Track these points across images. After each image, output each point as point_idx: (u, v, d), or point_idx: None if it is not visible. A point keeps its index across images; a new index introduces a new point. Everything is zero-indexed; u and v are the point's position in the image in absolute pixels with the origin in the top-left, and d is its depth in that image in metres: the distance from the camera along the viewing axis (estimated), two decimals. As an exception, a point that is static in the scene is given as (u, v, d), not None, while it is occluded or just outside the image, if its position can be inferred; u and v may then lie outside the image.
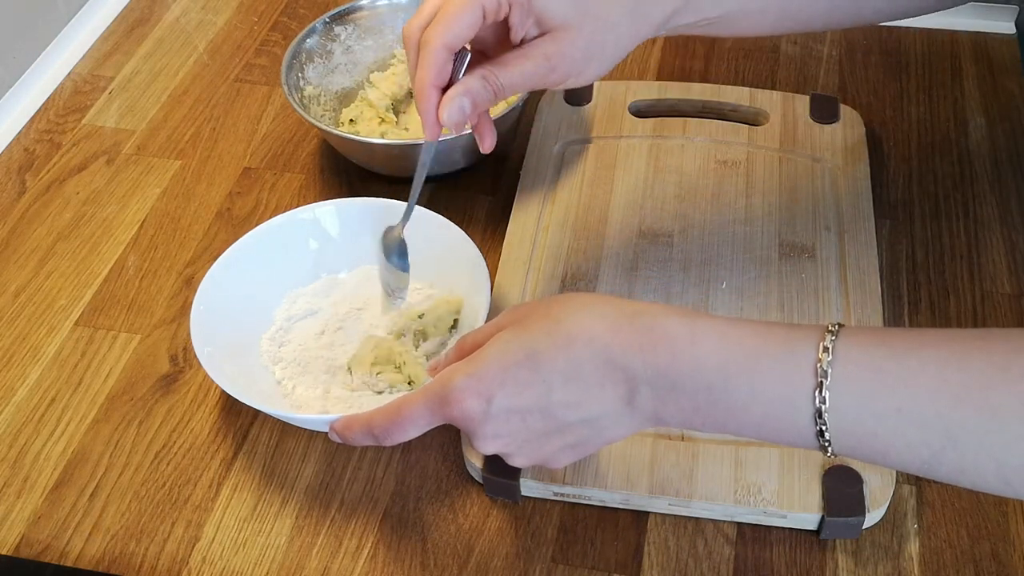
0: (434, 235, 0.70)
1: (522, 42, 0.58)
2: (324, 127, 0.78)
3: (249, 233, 0.71)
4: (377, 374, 0.67)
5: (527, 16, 0.56)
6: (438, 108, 0.57)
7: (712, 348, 0.48)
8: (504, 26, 0.57)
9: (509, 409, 0.51)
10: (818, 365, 0.46)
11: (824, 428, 0.47)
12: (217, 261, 0.70)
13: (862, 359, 0.46)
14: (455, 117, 0.57)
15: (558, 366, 0.50)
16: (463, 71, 0.58)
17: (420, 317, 0.69)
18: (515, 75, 0.57)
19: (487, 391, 0.51)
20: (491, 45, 0.59)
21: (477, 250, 0.68)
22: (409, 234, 0.68)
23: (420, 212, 0.71)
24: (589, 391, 0.50)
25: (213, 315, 0.67)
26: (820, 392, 0.46)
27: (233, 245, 0.71)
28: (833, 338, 0.47)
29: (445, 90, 0.57)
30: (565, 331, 0.50)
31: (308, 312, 0.72)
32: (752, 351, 0.48)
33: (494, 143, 0.63)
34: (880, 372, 0.46)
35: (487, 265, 0.68)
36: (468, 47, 0.58)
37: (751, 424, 0.49)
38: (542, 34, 0.57)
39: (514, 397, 0.50)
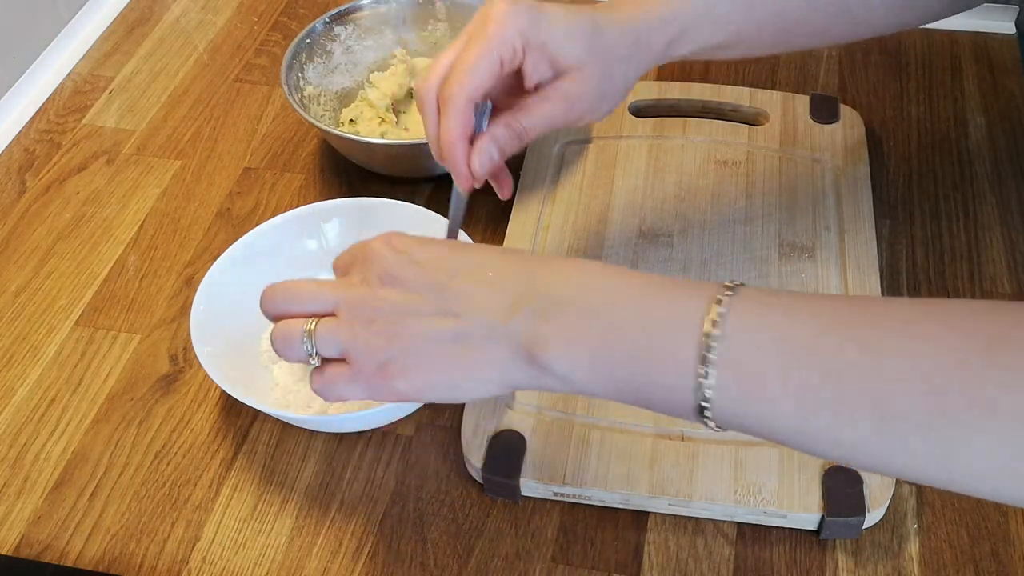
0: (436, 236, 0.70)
1: (537, 87, 0.58)
2: (324, 127, 0.78)
3: (249, 233, 0.71)
4: None
5: (542, 60, 0.57)
6: (468, 159, 0.58)
7: (601, 276, 0.49)
8: (512, 76, 0.58)
9: (409, 262, 0.51)
10: (713, 294, 0.45)
11: (709, 355, 0.44)
12: (217, 261, 0.70)
13: (754, 295, 0.46)
14: (486, 167, 0.58)
15: (470, 259, 0.51)
16: (485, 121, 0.59)
17: None
18: (537, 118, 0.58)
19: (399, 241, 0.52)
20: (499, 95, 0.60)
21: None
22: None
23: (423, 213, 0.71)
24: (479, 289, 0.49)
25: (213, 315, 0.67)
26: (709, 316, 0.44)
27: (233, 245, 0.71)
28: (730, 293, 0.45)
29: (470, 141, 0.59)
30: (480, 248, 0.54)
31: None
32: (644, 284, 0.48)
33: (512, 190, 0.65)
34: (769, 306, 0.45)
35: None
36: (489, 99, 0.59)
37: (630, 356, 0.46)
38: (557, 76, 0.58)
39: (420, 251, 0.51)
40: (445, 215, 0.71)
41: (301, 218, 0.73)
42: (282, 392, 0.68)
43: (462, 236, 0.69)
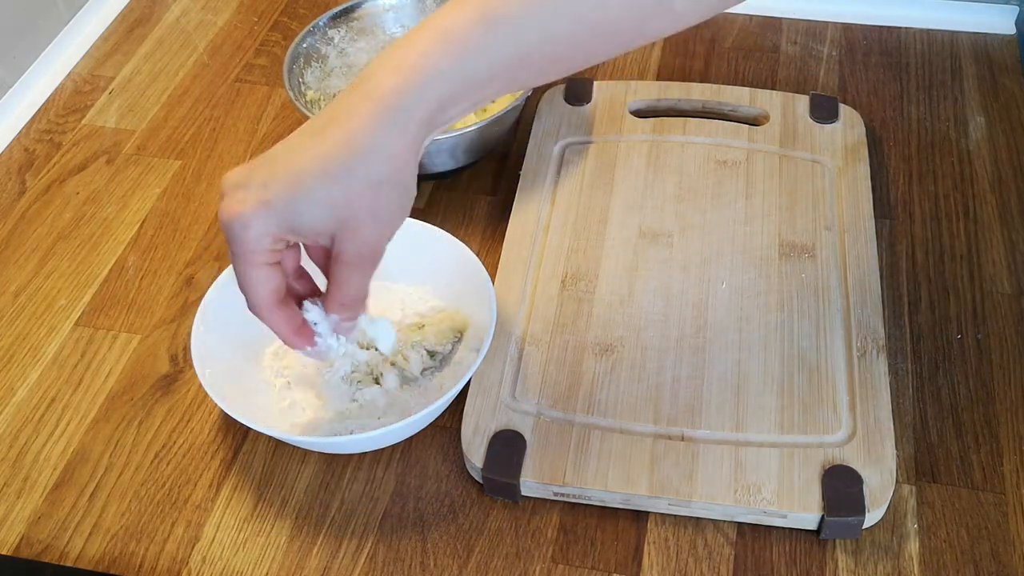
0: (442, 252, 0.70)
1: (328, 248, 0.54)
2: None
3: None
4: (357, 381, 0.67)
5: (306, 239, 0.53)
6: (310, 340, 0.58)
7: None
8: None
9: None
10: None
11: None
12: (220, 277, 0.69)
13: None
14: (333, 346, 0.59)
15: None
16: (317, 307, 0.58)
17: (420, 327, 0.69)
18: (352, 286, 0.55)
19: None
20: (319, 260, 0.58)
21: (486, 273, 0.68)
22: (417, 248, 0.69)
23: (421, 226, 0.71)
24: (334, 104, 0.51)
25: (214, 332, 0.66)
26: None
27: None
28: None
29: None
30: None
31: None
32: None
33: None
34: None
35: (487, 267, 0.68)
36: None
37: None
38: (335, 236, 0.52)
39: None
40: (445, 215, 0.71)
41: None
42: (288, 406, 0.67)
43: (471, 256, 0.69)
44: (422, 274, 0.71)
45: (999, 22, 0.95)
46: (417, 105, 0.49)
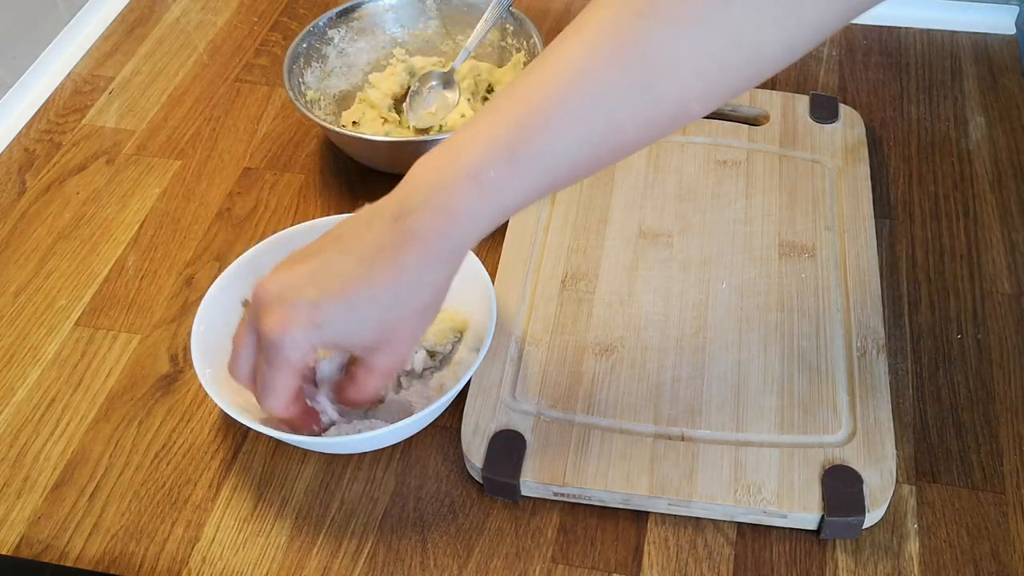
0: None
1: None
2: (330, 126, 0.78)
3: (250, 250, 0.70)
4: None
5: (343, 351, 0.61)
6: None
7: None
8: None
9: (292, 261, 0.56)
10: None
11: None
12: (220, 277, 0.69)
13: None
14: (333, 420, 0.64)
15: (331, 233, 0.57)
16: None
17: None
18: (369, 390, 0.59)
19: (275, 271, 0.57)
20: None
21: (486, 273, 0.68)
22: None
23: None
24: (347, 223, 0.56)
25: (214, 332, 0.66)
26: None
27: (235, 261, 0.70)
28: None
29: None
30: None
31: None
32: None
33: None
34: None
35: (487, 267, 0.68)
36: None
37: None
38: (372, 349, 0.57)
39: (291, 259, 0.57)
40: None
41: (302, 234, 0.72)
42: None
43: (472, 258, 0.69)
44: None
45: (999, 22, 0.95)
46: (460, 246, 0.54)
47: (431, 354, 0.69)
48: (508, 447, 0.63)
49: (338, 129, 0.80)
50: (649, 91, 0.51)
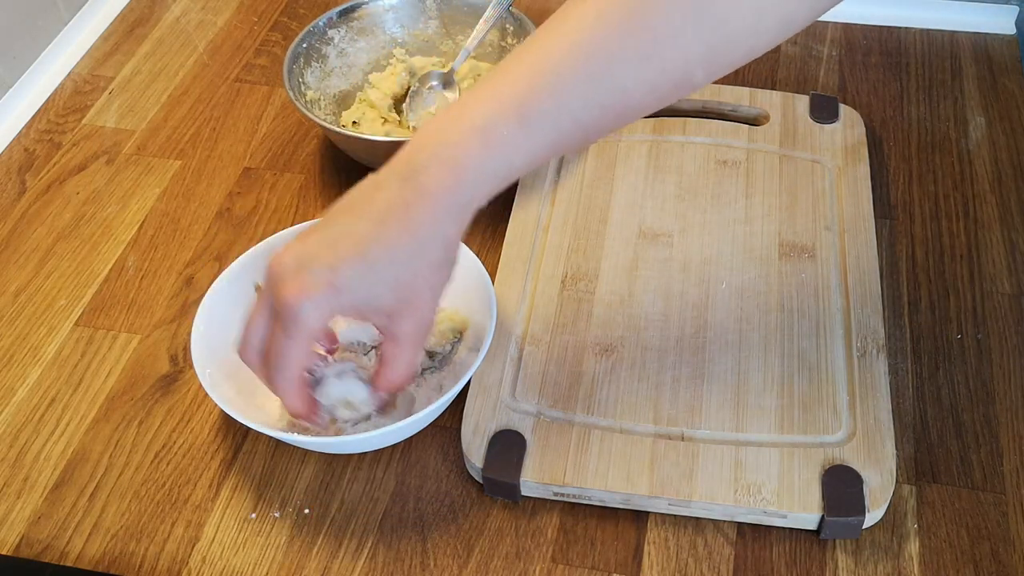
0: None
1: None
2: (330, 126, 0.78)
3: (250, 250, 0.70)
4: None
5: (362, 318, 0.58)
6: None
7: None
8: None
9: (304, 235, 0.56)
10: None
11: None
12: (220, 277, 0.69)
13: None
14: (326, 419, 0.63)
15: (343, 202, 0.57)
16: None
17: None
18: (402, 365, 0.58)
19: (288, 246, 0.56)
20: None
21: (486, 273, 0.68)
22: None
23: None
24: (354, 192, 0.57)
25: (214, 332, 0.66)
26: None
27: (235, 261, 0.70)
28: None
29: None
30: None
31: None
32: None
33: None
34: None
35: (487, 267, 0.68)
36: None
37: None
38: (394, 314, 0.57)
39: (303, 234, 0.56)
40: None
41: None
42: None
43: (471, 256, 0.69)
44: None
45: (999, 22, 0.95)
46: (469, 201, 0.55)
47: (431, 354, 0.69)
48: (508, 447, 0.63)
49: (338, 129, 0.80)
50: (652, 58, 0.52)
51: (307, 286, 0.54)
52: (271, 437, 0.67)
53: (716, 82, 0.89)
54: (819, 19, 0.96)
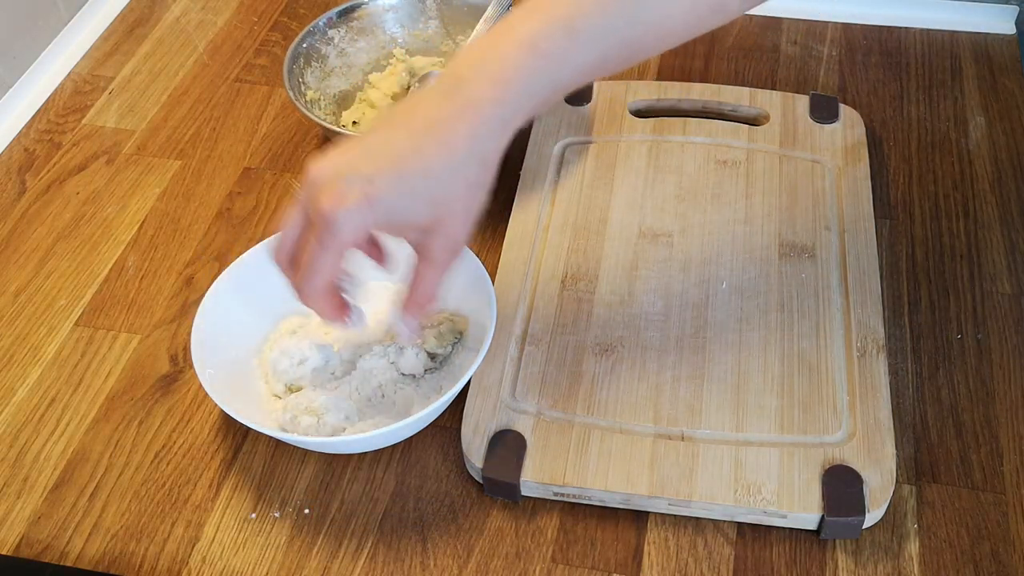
0: None
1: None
2: (330, 126, 0.78)
3: (250, 250, 0.70)
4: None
5: (398, 232, 0.58)
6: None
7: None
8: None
9: (346, 145, 0.56)
10: None
11: None
12: (220, 277, 0.69)
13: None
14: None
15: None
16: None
17: (421, 328, 0.69)
18: (429, 285, 0.58)
19: (328, 155, 0.56)
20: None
21: (486, 273, 0.68)
22: None
23: None
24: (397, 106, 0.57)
25: (214, 332, 0.66)
26: None
27: (235, 261, 0.70)
28: None
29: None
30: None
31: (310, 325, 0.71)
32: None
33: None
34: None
35: (487, 267, 0.68)
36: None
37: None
38: (428, 230, 0.56)
39: (345, 144, 0.56)
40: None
41: None
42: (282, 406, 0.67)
43: (471, 257, 0.69)
44: None
45: (999, 22, 0.95)
46: (514, 116, 0.55)
47: (431, 355, 0.69)
48: (508, 447, 0.63)
49: (338, 129, 0.80)
50: None
51: (343, 196, 0.53)
52: (271, 437, 0.67)
53: (716, 82, 0.90)
54: (819, 19, 0.97)
